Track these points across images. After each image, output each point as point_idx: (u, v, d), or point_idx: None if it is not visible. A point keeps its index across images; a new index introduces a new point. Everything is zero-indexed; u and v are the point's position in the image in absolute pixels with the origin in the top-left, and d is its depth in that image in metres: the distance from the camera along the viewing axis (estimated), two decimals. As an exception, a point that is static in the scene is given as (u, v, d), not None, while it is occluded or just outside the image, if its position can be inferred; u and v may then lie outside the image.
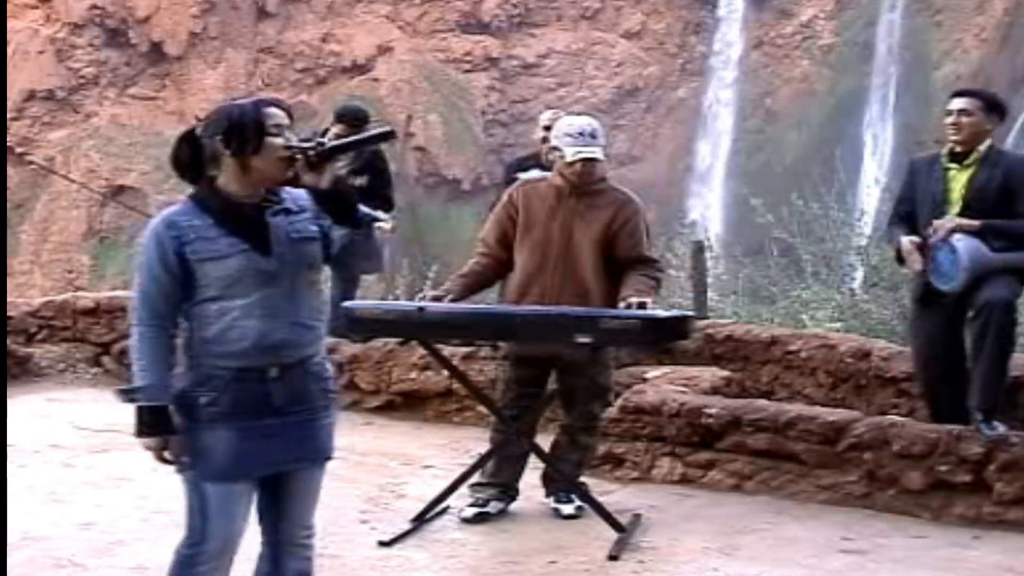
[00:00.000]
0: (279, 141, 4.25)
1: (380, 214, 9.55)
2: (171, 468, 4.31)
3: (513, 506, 6.99)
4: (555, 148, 6.80)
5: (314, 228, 4.36)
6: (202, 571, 4.36)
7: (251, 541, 4.52)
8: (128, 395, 4.25)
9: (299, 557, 4.54)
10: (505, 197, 7.04)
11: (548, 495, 7.06)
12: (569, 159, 6.65)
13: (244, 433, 4.24)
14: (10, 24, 46.33)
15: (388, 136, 4.67)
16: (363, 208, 5.11)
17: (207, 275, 4.19)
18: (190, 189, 4.39)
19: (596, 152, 6.68)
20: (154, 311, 4.22)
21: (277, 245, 4.27)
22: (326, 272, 11.50)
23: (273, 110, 4.29)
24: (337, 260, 9.74)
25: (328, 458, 4.50)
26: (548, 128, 8.82)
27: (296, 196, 4.38)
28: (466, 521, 6.82)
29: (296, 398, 4.33)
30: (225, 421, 4.23)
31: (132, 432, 4.26)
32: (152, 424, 4.21)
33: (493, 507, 6.92)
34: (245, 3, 49.91)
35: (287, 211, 4.33)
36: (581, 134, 6.70)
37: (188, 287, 4.21)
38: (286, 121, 4.31)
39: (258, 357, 4.23)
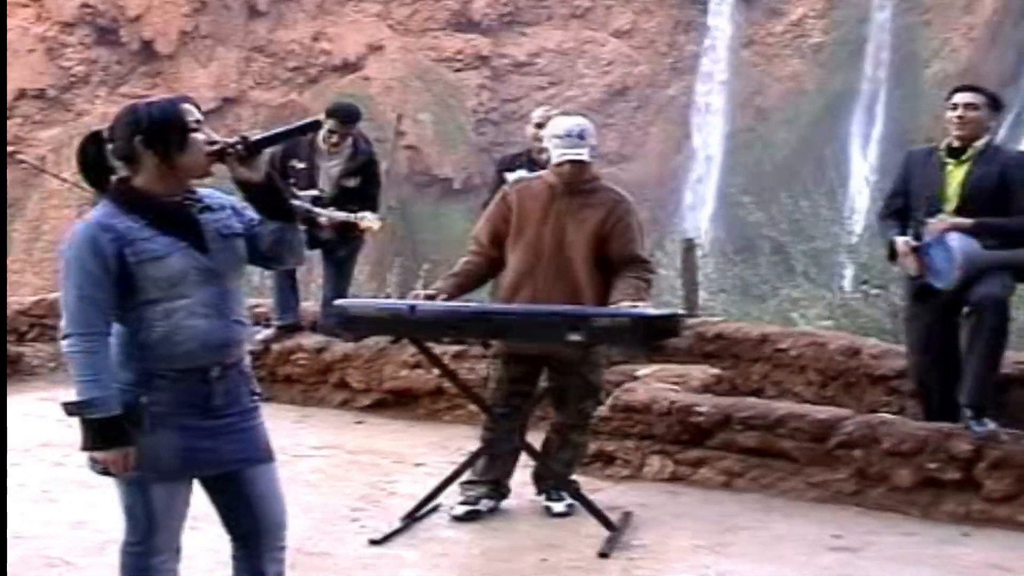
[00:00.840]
0: (201, 137, 4.21)
1: (368, 213, 9.55)
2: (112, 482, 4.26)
3: (504, 504, 7.00)
4: (545, 149, 6.81)
5: (238, 224, 4.32)
6: (155, 563, 4.34)
7: (216, 539, 4.51)
8: (77, 409, 4.13)
9: (276, 560, 4.49)
10: (499, 196, 7.05)
11: (539, 493, 7.07)
12: (556, 161, 6.66)
13: (187, 433, 4.20)
14: (0, 23, 46.35)
15: (313, 127, 4.64)
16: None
17: (147, 277, 4.12)
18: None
19: (582, 154, 6.67)
20: (95, 317, 4.12)
21: (212, 242, 4.24)
22: (312, 270, 11.54)
23: (189, 106, 4.25)
24: (329, 257, 9.84)
25: (272, 457, 4.45)
26: (540, 126, 8.87)
27: (211, 193, 4.34)
28: (457, 519, 6.82)
29: (231, 400, 4.30)
30: (167, 421, 4.18)
31: (80, 447, 4.15)
32: (108, 437, 4.11)
33: (484, 505, 6.92)
34: (236, 2, 49.82)
35: (208, 208, 4.29)
36: (569, 135, 6.70)
37: (124, 291, 4.13)
38: (201, 116, 4.26)
39: (203, 357, 4.20)
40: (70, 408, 4.16)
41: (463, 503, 6.91)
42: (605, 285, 6.66)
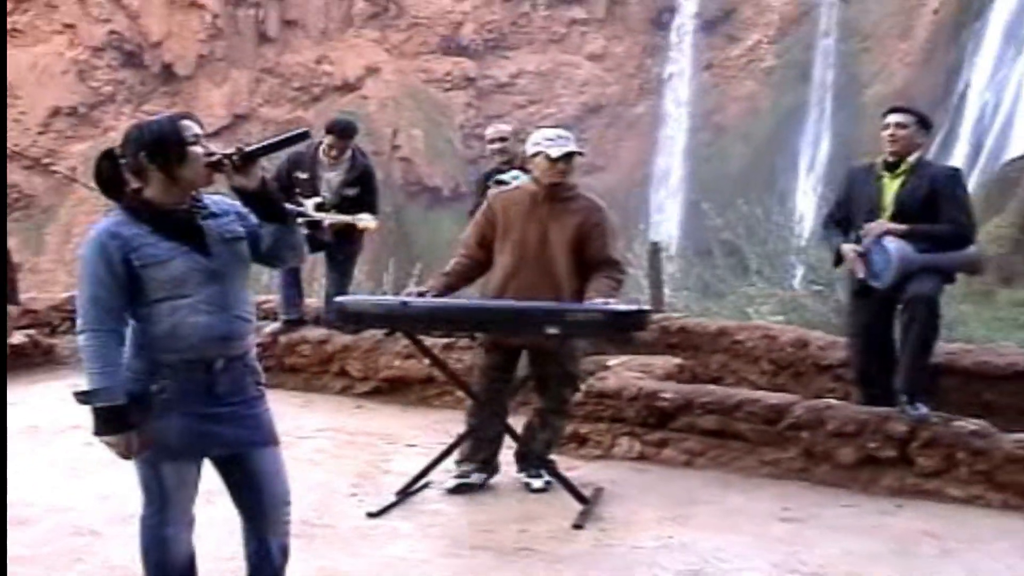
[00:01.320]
0: (199, 150, 4.18)
1: (365, 215, 9.55)
2: (131, 461, 4.27)
3: (457, 482, 6.97)
4: (535, 155, 6.78)
5: (240, 228, 4.31)
6: (170, 533, 4.37)
7: (229, 512, 4.52)
8: (86, 397, 4.13)
9: (281, 533, 4.51)
10: (485, 204, 7.05)
11: (520, 470, 7.06)
12: (555, 156, 6.64)
13: (193, 418, 4.21)
14: (38, 48, 46.32)
15: (302, 137, 4.59)
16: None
17: (153, 279, 4.12)
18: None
19: (575, 147, 6.75)
20: (104, 315, 4.12)
21: (214, 245, 4.23)
22: (316, 270, 11.52)
23: (187, 122, 4.23)
24: (331, 259, 9.83)
25: (276, 441, 4.46)
26: (493, 141, 9.17)
27: (217, 200, 4.34)
28: (450, 491, 6.84)
29: (235, 389, 4.30)
30: (174, 408, 4.18)
31: (92, 431, 4.16)
32: (112, 423, 4.12)
33: (475, 478, 6.94)
34: (248, 29, 49.85)
35: (213, 214, 4.28)
36: (560, 136, 6.75)
37: (134, 291, 4.13)
38: (200, 131, 4.25)
39: (206, 349, 4.19)
40: (80, 397, 4.16)
41: (456, 477, 6.92)
42: (583, 282, 6.65)
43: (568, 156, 6.68)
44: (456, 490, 6.86)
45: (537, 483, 6.93)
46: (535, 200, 6.76)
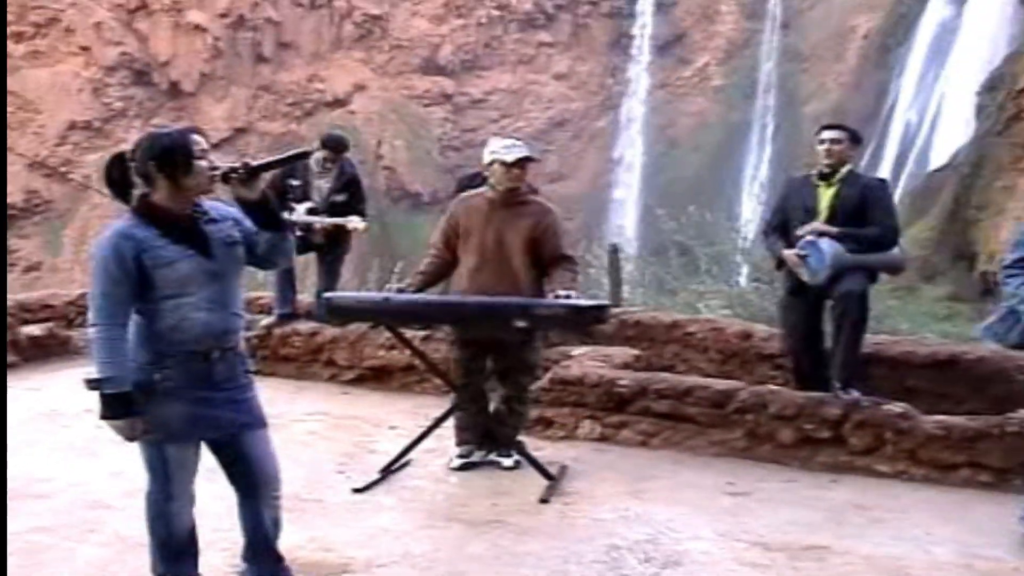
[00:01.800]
0: (204, 163, 4.17)
1: (354, 217, 9.52)
2: (136, 443, 4.27)
3: (461, 461, 6.96)
4: (492, 163, 6.74)
5: (237, 233, 4.30)
6: (173, 507, 4.38)
7: (227, 489, 4.52)
8: (95, 384, 4.12)
9: (273, 507, 4.52)
10: (448, 211, 7.01)
11: (492, 450, 7.05)
12: (510, 160, 6.62)
13: (193, 403, 4.21)
14: (56, 67, 46.17)
15: (304, 155, 4.57)
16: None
17: (161, 278, 4.11)
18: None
19: (529, 152, 6.71)
20: (114, 310, 4.11)
21: (216, 249, 4.22)
22: (308, 269, 11.48)
23: (196, 137, 4.22)
24: (321, 259, 9.76)
25: (265, 423, 4.46)
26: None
27: (216, 206, 4.32)
28: (454, 470, 6.84)
29: (229, 376, 4.30)
30: (176, 394, 4.18)
31: (99, 415, 4.16)
32: (119, 408, 4.11)
33: (477, 455, 6.95)
34: (246, 50, 49.70)
35: (213, 220, 4.27)
36: (514, 145, 6.73)
37: (142, 289, 4.12)
38: (207, 145, 4.24)
39: (206, 342, 4.20)
40: (91, 384, 4.15)
41: (459, 457, 6.93)
42: (539, 278, 6.66)
43: (522, 161, 6.66)
44: (459, 468, 6.86)
45: (507, 462, 6.91)
46: (492, 205, 6.74)
